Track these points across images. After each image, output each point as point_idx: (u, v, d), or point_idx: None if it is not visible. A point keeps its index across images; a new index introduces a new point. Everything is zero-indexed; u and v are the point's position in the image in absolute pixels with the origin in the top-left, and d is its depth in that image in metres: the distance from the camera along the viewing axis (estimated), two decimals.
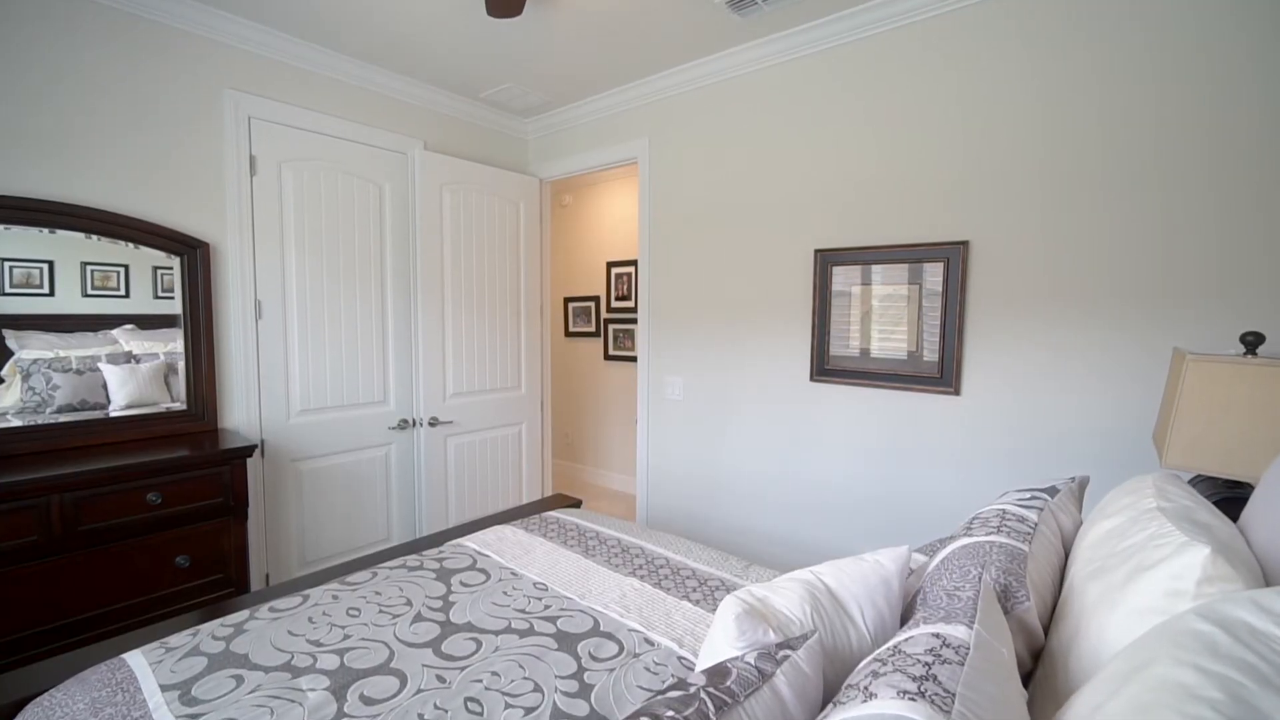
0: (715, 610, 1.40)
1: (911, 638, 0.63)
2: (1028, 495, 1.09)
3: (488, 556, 1.71)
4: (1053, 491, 1.11)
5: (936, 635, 0.61)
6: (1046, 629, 0.84)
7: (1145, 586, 0.67)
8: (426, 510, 3.04)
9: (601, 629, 1.32)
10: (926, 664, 0.56)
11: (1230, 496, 1.37)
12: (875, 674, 0.58)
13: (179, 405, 2.36)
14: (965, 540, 0.93)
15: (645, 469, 3.21)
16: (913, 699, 0.52)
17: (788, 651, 0.71)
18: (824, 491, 2.54)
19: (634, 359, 4.57)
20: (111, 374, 2.22)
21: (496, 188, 3.29)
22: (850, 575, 0.91)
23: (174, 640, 1.25)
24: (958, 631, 0.61)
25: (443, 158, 3.03)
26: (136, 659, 1.17)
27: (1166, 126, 1.76)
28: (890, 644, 0.65)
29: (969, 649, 0.58)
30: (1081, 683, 0.68)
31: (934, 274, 2.23)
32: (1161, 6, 1.75)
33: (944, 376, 2.24)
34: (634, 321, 4.54)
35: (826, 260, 2.50)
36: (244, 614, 1.36)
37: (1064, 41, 1.91)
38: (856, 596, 0.88)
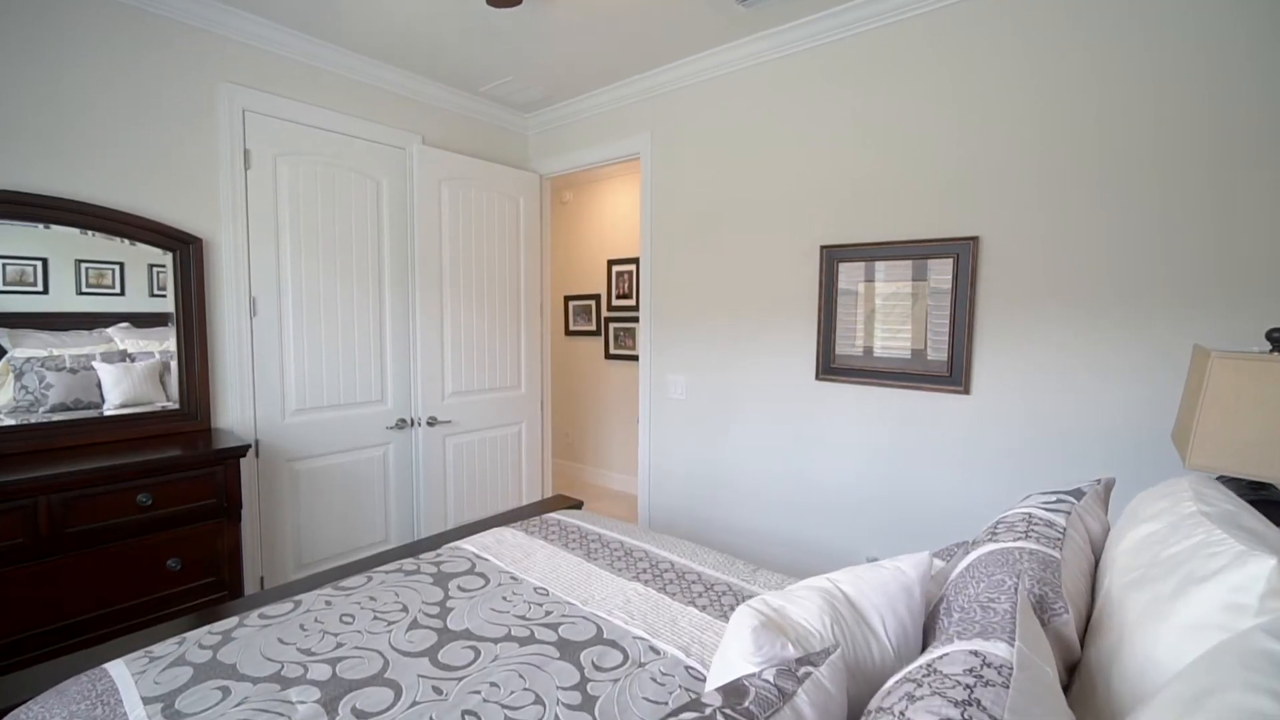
0: (723, 617, 1.35)
1: (947, 655, 0.58)
2: (1053, 498, 1.03)
3: (487, 560, 1.66)
4: (1078, 494, 1.06)
5: (975, 653, 0.56)
6: (1082, 641, 0.79)
7: (1200, 599, 0.62)
8: (425, 511, 2.99)
9: (605, 636, 1.27)
10: (968, 686, 0.51)
11: (1257, 499, 1.32)
12: (911, 697, 0.53)
13: (174, 405, 2.31)
14: (991, 546, 0.88)
15: (647, 469, 3.16)
16: None
17: (809, 668, 0.66)
18: (829, 492, 2.49)
19: (635, 358, 4.52)
20: (106, 373, 2.18)
21: (496, 183, 3.24)
22: (870, 583, 0.86)
23: (159, 649, 1.19)
24: (998, 649, 0.56)
25: (442, 153, 2.98)
26: (119, 669, 1.12)
27: (1166, 124, 1.73)
28: (923, 661, 0.60)
29: (1012, 669, 0.53)
30: (1127, 702, 0.63)
31: (943, 270, 2.19)
32: None
33: (953, 375, 2.19)
34: (635, 320, 4.49)
35: (833, 257, 2.45)
36: (233, 621, 1.30)
37: (1081, 34, 1.86)
38: (877, 606, 0.83)
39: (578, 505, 2.34)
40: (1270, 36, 1.58)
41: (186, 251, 2.29)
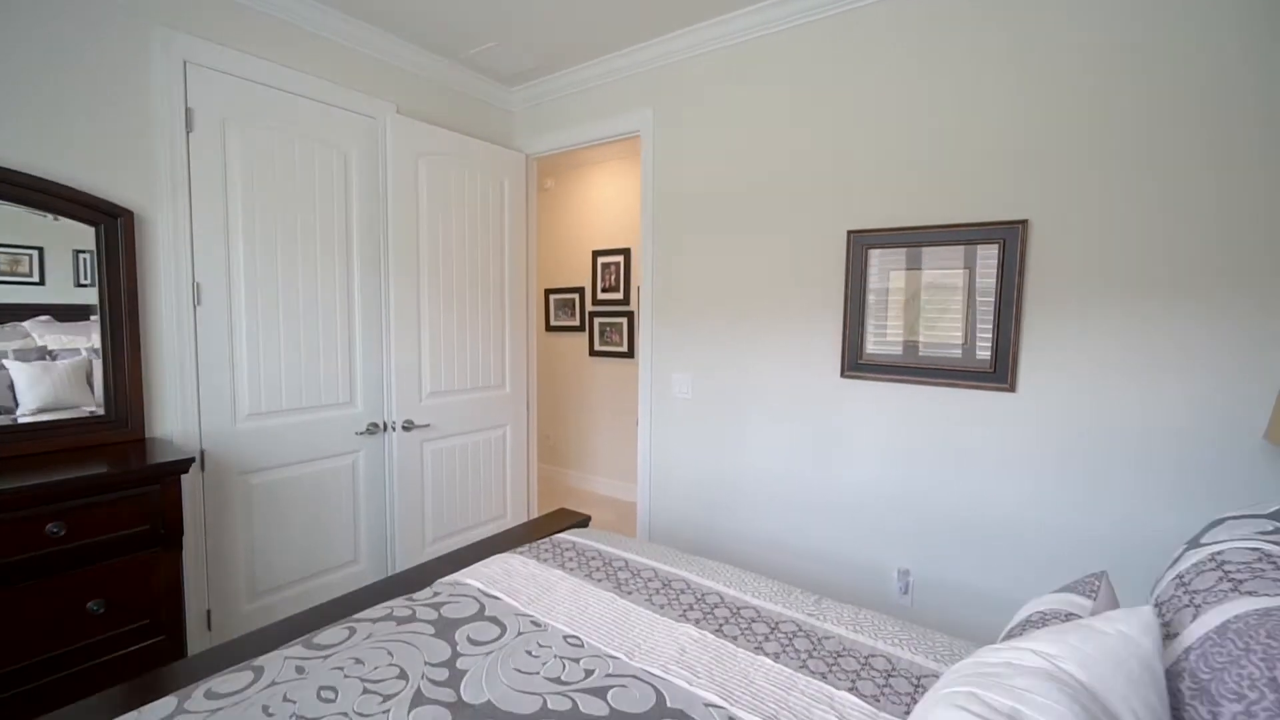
0: (804, 668, 1.09)
1: None
2: (1270, 528, 0.82)
3: (497, 599, 1.35)
4: (1279, 517, 0.85)
5: None
6: None
7: None
8: (400, 525, 2.65)
9: (670, 706, 0.99)
10: None
11: None
12: None
13: (103, 410, 1.93)
14: (1251, 603, 0.65)
15: (647, 474, 2.89)
16: None
17: None
18: (853, 498, 2.28)
19: (623, 354, 4.25)
20: (20, 373, 1.83)
21: (479, 162, 2.91)
22: (1098, 660, 0.61)
23: None
24: None
25: (419, 124, 2.63)
26: None
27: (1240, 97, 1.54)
28: None
29: None
30: None
31: (987, 257, 1.99)
32: None
33: (997, 372, 1.99)
34: (622, 315, 4.22)
35: (860, 243, 2.23)
36: (168, 705, 0.97)
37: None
38: (1124, 696, 0.59)
39: (585, 521, 2.05)
40: None
41: (114, 225, 1.90)
